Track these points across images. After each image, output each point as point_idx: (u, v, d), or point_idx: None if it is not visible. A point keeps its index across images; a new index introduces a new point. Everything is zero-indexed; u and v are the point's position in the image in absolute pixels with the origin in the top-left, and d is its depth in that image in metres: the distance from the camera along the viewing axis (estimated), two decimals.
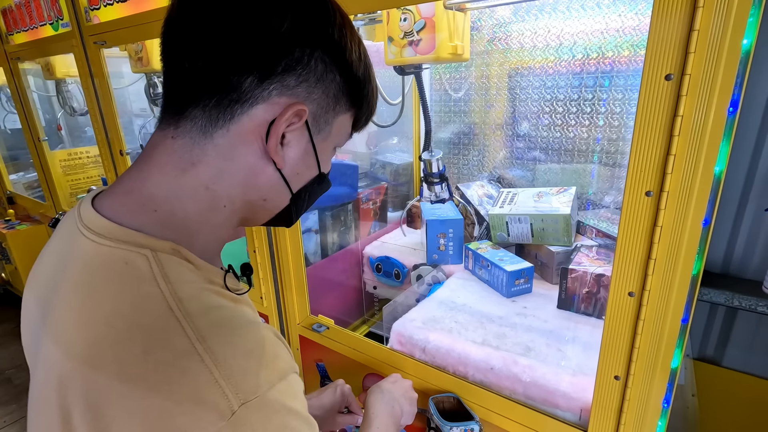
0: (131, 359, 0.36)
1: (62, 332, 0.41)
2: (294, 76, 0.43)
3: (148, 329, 0.37)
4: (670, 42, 0.54)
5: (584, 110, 1.35)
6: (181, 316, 0.37)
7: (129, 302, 0.38)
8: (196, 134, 0.44)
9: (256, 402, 0.36)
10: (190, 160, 0.44)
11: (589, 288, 1.05)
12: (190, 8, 0.42)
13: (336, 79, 0.46)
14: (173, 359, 0.36)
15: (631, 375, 0.69)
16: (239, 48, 0.41)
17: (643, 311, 0.65)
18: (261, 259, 1.22)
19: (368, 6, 0.87)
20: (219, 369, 0.36)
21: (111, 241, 0.41)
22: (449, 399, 0.94)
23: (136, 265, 0.40)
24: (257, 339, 0.41)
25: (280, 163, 0.46)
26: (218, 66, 0.42)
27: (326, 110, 0.48)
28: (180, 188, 0.44)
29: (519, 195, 1.38)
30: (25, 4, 1.75)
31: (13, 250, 2.45)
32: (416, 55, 1.07)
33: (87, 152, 2.49)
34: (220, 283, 0.46)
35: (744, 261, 1.39)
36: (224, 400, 0.35)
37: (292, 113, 0.44)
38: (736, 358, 1.47)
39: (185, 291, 0.40)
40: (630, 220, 0.63)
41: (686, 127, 0.56)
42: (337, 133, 0.51)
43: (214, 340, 0.37)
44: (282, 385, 0.39)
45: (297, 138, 0.47)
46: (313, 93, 0.45)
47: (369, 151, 1.80)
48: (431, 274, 1.35)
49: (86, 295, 0.40)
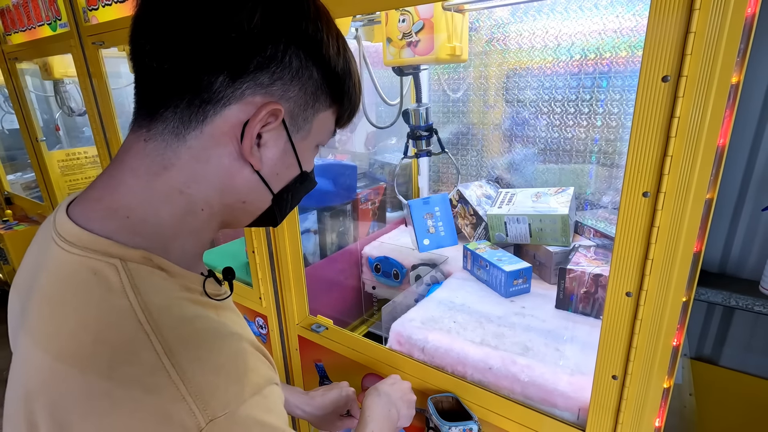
0: (96, 374, 0.35)
1: (35, 342, 0.40)
2: (267, 73, 0.41)
3: (115, 343, 0.36)
4: (667, 44, 0.55)
5: (582, 111, 1.36)
6: (149, 329, 0.36)
7: (95, 315, 0.37)
8: (168, 136, 0.42)
9: (224, 419, 0.35)
10: (162, 163, 0.42)
11: (587, 288, 1.06)
12: (155, 6, 0.41)
13: (313, 76, 0.44)
14: (139, 375, 0.35)
15: (629, 375, 0.69)
16: (207, 46, 0.39)
17: (640, 311, 0.65)
18: (260, 259, 1.22)
19: (368, 7, 0.87)
20: (186, 385, 0.35)
21: (80, 250, 0.40)
22: (448, 399, 0.94)
23: (105, 275, 0.38)
24: (230, 353, 0.40)
25: (256, 164, 0.45)
26: (187, 66, 0.40)
27: (304, 108, 0.46)
28: (153, 193, 0.42)
29: (517, 195, 1.39)
30: (23, 4, 1.75)
31: (11, 251, 2.44)
32: (415, 56, 1.07)
33: (85, 152, 2.49)
34: (199, 290, 0.45)
35: (741, 261, 1.39)
36: (191, 418, 0.34)
37: (266, 113, 0.42)
38: (733, 357, 1.47)
39: (156, 302, 0.38)
40: (627, 221, 0.63)
41: (683, 128, 0.56)
42: (319, 130, 0.49)
43: (182, 354, 0.36)
44: (254, 399, 0.38)
45: (274, 138, 0.45)
46: (289, 91, 0.43)
47: (367, 151, 1.80)
48: (430, 275, 1.35)
49: (54, 306, 0.40)
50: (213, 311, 0.45)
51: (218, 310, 0.47)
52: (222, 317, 0.45)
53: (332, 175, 1.45)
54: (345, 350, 1.13)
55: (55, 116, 2.61)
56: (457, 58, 1.10)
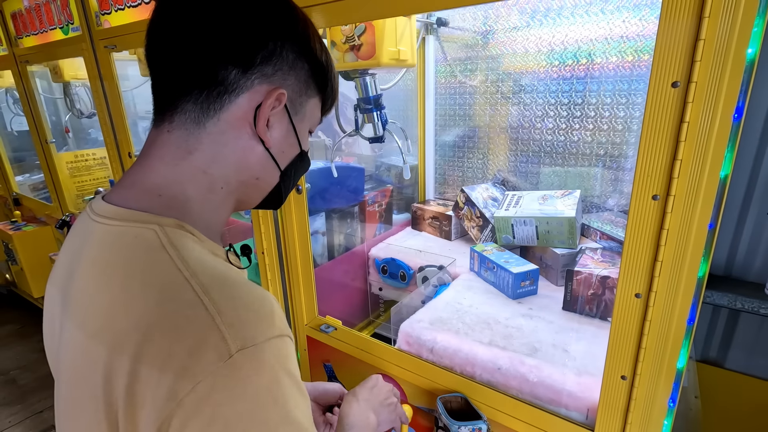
0: (145, 311, 0.40)
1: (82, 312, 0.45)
2: (270, 65, 0.49)
3: (160, 286, 0.41)
4: (677, 50, 0.56)
5: (588, 114, 1.37)
6: (188, 275, 0.42)
7: (140, 268, 0.43)
8: (190, 125, 0.48)
9: (252, 350, 0.39)
10: (186, 149, 0.49)
11: (594, 290, 1.07)
12: (173, 11, 0.47)
13: (305, 67, 0.52)
14: (181, 308, 0.40)
15: (638, 375, 0.70)
16: (222, 45, 0.47)
17: (649, 312, 0.66)
18: (269, 260, 1.23)
19: (355, 17, 0.86)
20: (221, 316, 0.39)
21: (121, 221, 0.46)
22: (457, 399, 0.95)
23: (146, 237, 0.44)
24: (257, 296, 0.44)
25: (268, 142, 0.52)
26: (205, 63, 0.47)
27: (300, 94, 0.53)
28: (181, 174, 0.49)
29: (524, 198, 1.40)
30: (35, 8, 1.77)
31: (20, 251, 2.46)
32: (358, 60, 1.04)
33: (93, 154, 2.51)
34: (223, 257, 0.51)
35: (746, 264, 1.40)
36: (223, 344, 0.38)
37: (274, 97, 0.49)
38: (738, 360, 1.48)
39: (192, 256, 0.44)
40: (637, 223, 0.64)
41: (692, 133, 0.57)
42: (310, 115, 0.57)
43: (217, 293, 0.41)
44: (277, 342, 0.42)
45: (279, 120, 0.52)
46: (287, 79, 0.51)
47: (374, 154, 1.81)
48: (437, 276, 1.37)
49: (101, 269, 0.45)
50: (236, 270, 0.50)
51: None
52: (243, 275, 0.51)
53: (340, 177, 1.46)
54: (354, 351, 1.14)
55: (63, 118, 2.63)
56: (402, 62, 1.06)
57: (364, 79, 1.14)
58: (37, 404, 2.29)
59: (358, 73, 1.13)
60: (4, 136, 2.82)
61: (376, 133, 1.24)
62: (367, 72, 1.13)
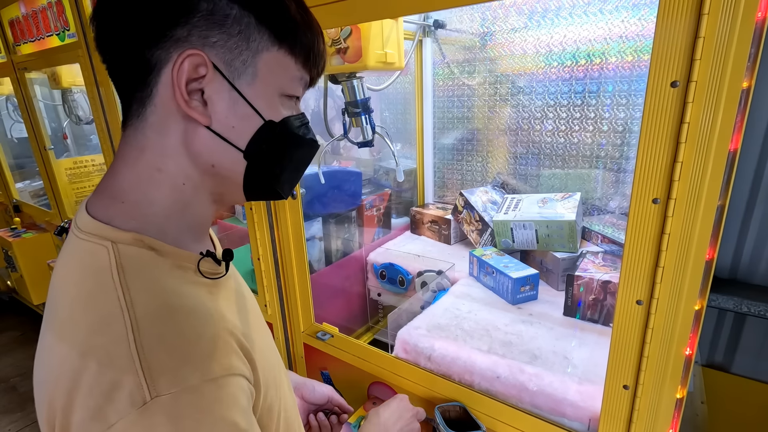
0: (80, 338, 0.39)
1: (48, 317, 0.45)
2: (180, 27, 0.41)
3: (96, 314, 0.40)
4: (676, 49, 0.54)
5: (588, 116, 1.35)
6: (124, 305, 0.39)
7: (87, 290, 0.42)
8: (135, 121, 0.45)
9: (168, 398, 0.36)
10: (138, 146, 0.45)
11: (596, 295, 1.04)
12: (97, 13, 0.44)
13: (231, 14, 0.42)
14: (108, 343, 0.38)
15: (641, 384, 0.68)
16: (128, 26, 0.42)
17: (651, 320, 0.64)
18: (265, 266, 1.21)
19: (346, 21, 0.85)
20: (141, 360, 0.37)
21: (85, 235, 0.44)
22: (455, 408, 0.93)
23: (98, 256, 0.42)
24: (194, 335, 0.40)
25: (201, 119, 0.43)
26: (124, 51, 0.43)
27: (239, 51, 0.43)
28: (138, 176, 0.45)
29: (523, 201, 1.38)
30: (32, 15, 1.77)
31: (19, 258, 2.45)
32: (344, 63, 1.01)
33: (92, 160, 2.51)
34: (192, 268, 0.46)
35: (752, 266, 1.37)
36: (138, 390, 0.36)
37: (184, 61, 0.41)
38: (745, 364, 1.45)
39: (135, 281, 0.41)
40: (637, 228, 0.62)
41: (693, 134, 0.55)
42: (271, 74, 0.46)
43: (146, 331, 0.38)
44: (206, 387, 0.38)
45: (216, 90, 0.43)
46: (209, 36, 0.42)
47: (372, 157, 1.80)
48: (436, 281, 1.35)
49: (61, 284, 0.44)
50: (205, 290, 0.46)
51: (212, 288, 0.48)
52: (216, 295, 0.47)
53: (337, 181, 1.45)
54: (351, 358, 1.12)
55: (62, 125, 2.64)
56: (389, 65, 1.03)
57: (352, 82, 1.11)
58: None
59: (345, 77, 1.10)
60: (4, 143, 2.83)
61: (364, 138, 1.20)
62: (354, 75, 1.10)
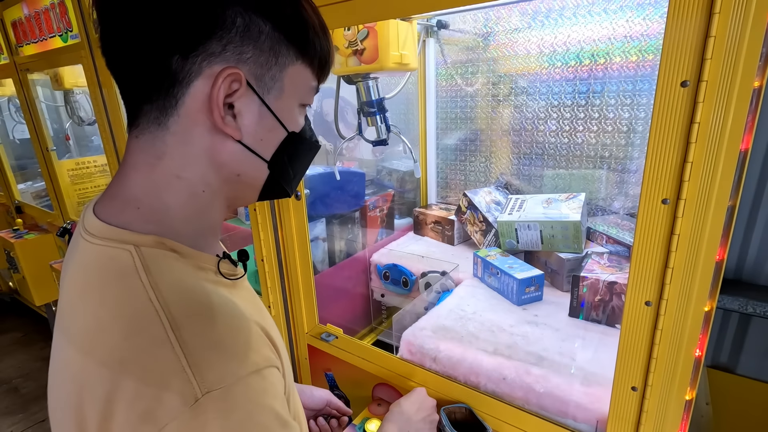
0: (113, 345, 0.39)
1: (66, 327, 0.44)
2: (215, 40, 0.41)
3: (129, 318, 0.39)
4: (686, 49, 0.54)
5: (592, 116, 1.34)
6: (158, 305, 0.39)
7: (113, 295, 0.41)
8: (153, 128, 0.44)
9: (219, 392, 0.37)
10: (155, 154, 0.45)
11: (602, 296, 1.04)
12: (107, 15, 0.42)
13: (265, 30, 0.43)
14: (148, 346, 0.38)
15: (649, 386, 0.67)
16: (153, 34, 0.41)
17: (660, 321, 0.64)
18: (269, 267, 1.21)
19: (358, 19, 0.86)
20: (187, 358, 0.37)
21: (101, 240, 0.43)
22: (461, 409, 0.92)
23: (121, 259, 0.42)
24: (232, 329, 0.41)
25: (234, 134, 0.45)
26: (145, 59, 0.42)
27: (268, 66, 0.45)
28: (154, 183, 0.45)
29: (527, 202, 1.37)
30: (34, 16, 1.77)
31: (21, 259, 2.45)
32: (360, 64, 1.05)
33: (94, 161, 2.51)
34: (212, 269, 0.47)
35: (757, 267, 1.37)
36: (189, 388, 0.36)
37: (224, 79, 0.42)
38: (750, 365, 1.44)
39: (165, 281, 0.41)
40: (646, 228, 0.62)
41: (703, 134, 0.55)
42: (294, 87, 0.47)
43: (186, 329, 0.38)
44: (252, 379, 0.39)
45: (246, 104, 0.44)
46: (243, 53, 0.43)
47: (375, 158, 1.80)
48: (440, 282, 1.34)
49: (79, 291, 0.43)
50: (225, 290, 0.47)
51: (231, 289, 0.49)
52: (235, 296, 0.47)
53: (340, 182, 1.44)
54: (355, 359, 1.11)
55: (65, 126, 2.64)
56: (404, 66, 1.08)
57: (367, 83, 1.15)
58: (39, 413, 2.28)
59: (360, 77, 1.13)
60: (6, 145, 2.83)
61: (379, 136, 1.23)
62: (369, 76, 1.14)
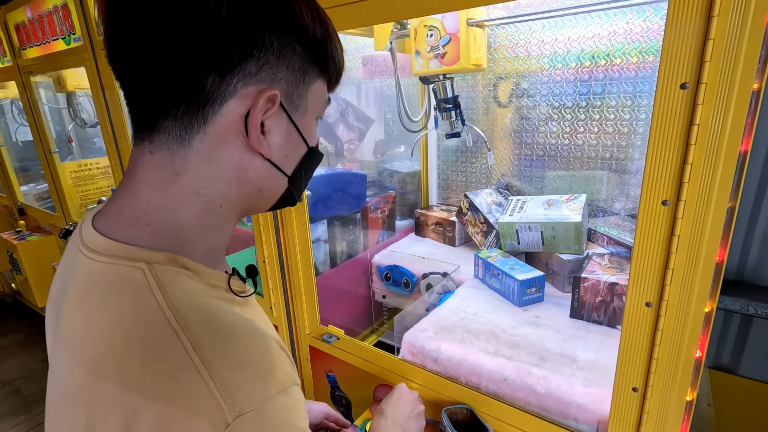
0: (130, 371, 0.36)
1: (69, 350, 0.41)
2: (253, 61, 0.41)
3: (146, 341, 0.37)
4: (685, 51, 0.54)
5: (593, 117, 1.35)
6: (177, 326, 0.37)
7: (127, 316, 0.38)
8: (173, 144, 0.42)
9: (251, 415, 0.36)
10: (173, 170, 0.43)
11: (603, 297, 1.04)
12: (125, 22, 0.40)
13: (296, 50, 0.44)
14: (170, 370, 0.36)
15: (650, 387, 0.67)
16: (188, 51, 0.39)
17: (661, 322, 0.64)
18: (270, 269, 1.22)
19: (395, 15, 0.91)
20: (214, 380, 0.35)
21: (108, 258, 0.41)
22: (462, 410, 0.93)
23: (133, 278, 0.40)
24: (257, 348, 0.40)
25: (266, 153, 0.45)
26: (175, 75, 0.40)
27: (297, 85, 0.45)
28: (170, 199, 0.43)
29: (528, 203, 1.38)
30: (37, 19, 1.78)
31: (24, 261, 2.47)
32: (442, 66, 1.19)
33: (97, 163, 2.52)
34: (224, 287, 0.46)
35: (758, 268, 1.37)
36: (219, 413, 0.35)
37: (264, 100, 0.42)
38: (752, 366, 1.44)
39: (183, 300, 0.39)
40: (646, 230, 0.62)
41: (703, 135, 0.55)
42: (315, 103, 0.49)
43: (210, 350, 0.37)
44: (280, 398, 0.39)
45: (276, 123, 0.45)
46: (278, 73, 0.43)
47: (376, 159, 1.80)
48: (441, 283, 1.34)
49: (85, 312, 0.41)
50: (238, 308, 0.46)
51: (243, 306, 0.47)
52: (247, 314, 0.45)
53: (342, 184, 1.45)
54: (357, 361, 1.12)
55: (67, 128, 2.65)
56: (478, 67, 1.22)
57: (444, 83, 1.30)
58: (42, 414, 2.28)
59: (438, 78, 1.28)
60: (9, 147, 2.85)
61: (452, 129, 1.37)
62: (446, 76, 1.29)
